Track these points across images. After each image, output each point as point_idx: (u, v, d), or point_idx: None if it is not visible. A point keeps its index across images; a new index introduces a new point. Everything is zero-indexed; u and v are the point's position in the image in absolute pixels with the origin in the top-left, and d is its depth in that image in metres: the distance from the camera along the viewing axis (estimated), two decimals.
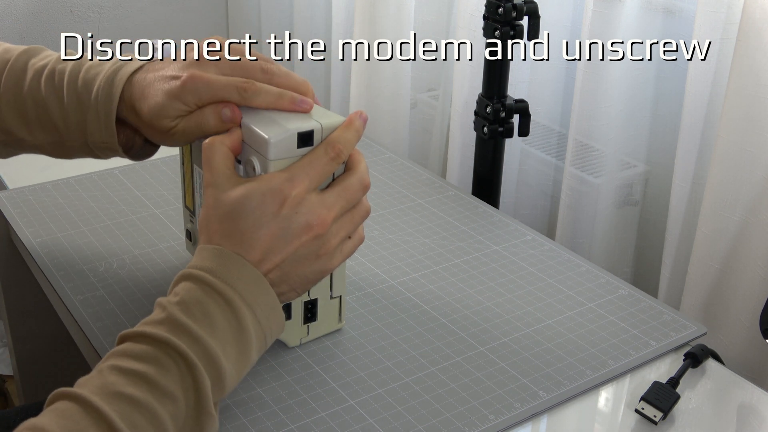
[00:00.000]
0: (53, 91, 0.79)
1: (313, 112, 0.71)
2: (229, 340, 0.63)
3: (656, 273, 1.14)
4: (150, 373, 0.58)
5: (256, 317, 0.64)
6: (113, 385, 0.57)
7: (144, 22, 1.85)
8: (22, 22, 1.72)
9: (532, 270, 0.92)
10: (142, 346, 0.60)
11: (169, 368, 0.59)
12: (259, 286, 0.65)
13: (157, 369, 0.59)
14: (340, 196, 0.68)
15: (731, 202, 0.95)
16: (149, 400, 0.57)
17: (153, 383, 0.58)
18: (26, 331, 1.19)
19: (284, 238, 0.65)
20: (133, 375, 0.58)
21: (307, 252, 0.67)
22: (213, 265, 0.64)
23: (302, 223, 0.66)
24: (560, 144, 1.29)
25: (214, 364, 0.61)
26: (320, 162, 0.67)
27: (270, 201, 0.65)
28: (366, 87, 1.41)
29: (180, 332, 0.61)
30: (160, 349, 0.60)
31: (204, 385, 0.60)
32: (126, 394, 0.57)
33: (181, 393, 0.59)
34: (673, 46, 1.09)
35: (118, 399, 0.57)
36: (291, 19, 1.75)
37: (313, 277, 0.69)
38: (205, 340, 0.61)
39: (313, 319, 0.78)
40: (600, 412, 0.75)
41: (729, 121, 0.92)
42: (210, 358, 0.61)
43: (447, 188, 1.10)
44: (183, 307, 0.62)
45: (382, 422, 0.70)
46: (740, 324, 0.96)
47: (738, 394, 0.77)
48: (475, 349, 0.79)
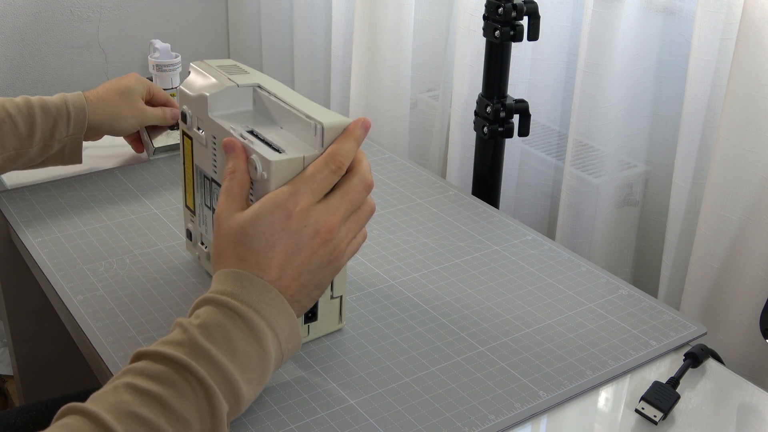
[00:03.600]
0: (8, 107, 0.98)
1: (318, 113, 0.72)
2: (250, 363, 0.63)
3: (656, 273, 1.14)
4: (165, 395, 0.58)
5: (278, 339, 0.65)
6: (127, 404, 0.57)
7: (144, 22, 1.85)
8: (22, 22, 1.72)
9: (532, 270, 0.92)
10: (160, 366, 0.60)
11: (185, 392, 0.59)
12: (280, 307, 0.66)
13: (173, 392, 0.59)
14: (343, 200, 0.69)
15: (731, 202, 0.94)
16: (161, 423, 0.57)
17: (167, 406, 0.58)
18: (26, 331, 1.19)
19: (297, 251, 0.67)
20: (149, 396, 0.58)
21: (320, 260, 0.68)
22: (234, 289, 0.65)
23: (311, 233, 0.67)
24: (560, 144, 1.29)
25: (233, 389, 0.61)
26: (322, 175, 0.69)
27: (278, 219, 0.66)
28: (366, 87, 1.41)
29: (200, 356, 0.61)
30: (178, 372, 0.60)
31: (221, 411, 0.60)
32: (139, 415, 0.57)
33: (195, 418, 0.59)
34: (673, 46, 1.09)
35: (130, 419, 0.56)
36: (291, 19, 1.75)
37: (327, 282, 0.70)
38: (225, 365, 0.61)
39: (314, 319, 0.78)
40: (600, 412, 0.75)
41: (729, 121, 0.92)
42: (229, 383, 0.61)
43: (447, 188, 1.10)
44: (204, 330, 0.62)
45: (382, 422, 0.70)
46: (740, 324, 0.96)
47: (738, 394, 0.77)
48: (475, 349, 0.79)
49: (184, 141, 0.85)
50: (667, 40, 1.12)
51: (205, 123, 0.80)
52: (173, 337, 0.62)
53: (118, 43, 1.84)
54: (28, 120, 0.97)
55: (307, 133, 0.72)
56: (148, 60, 1.31)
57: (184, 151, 0.85)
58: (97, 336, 0.79)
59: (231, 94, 0.79)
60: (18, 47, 1.73)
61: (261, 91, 0.79)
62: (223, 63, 0.85)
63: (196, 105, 0.81)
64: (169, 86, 1.31)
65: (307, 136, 0.73)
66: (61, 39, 1.77)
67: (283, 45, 1.79)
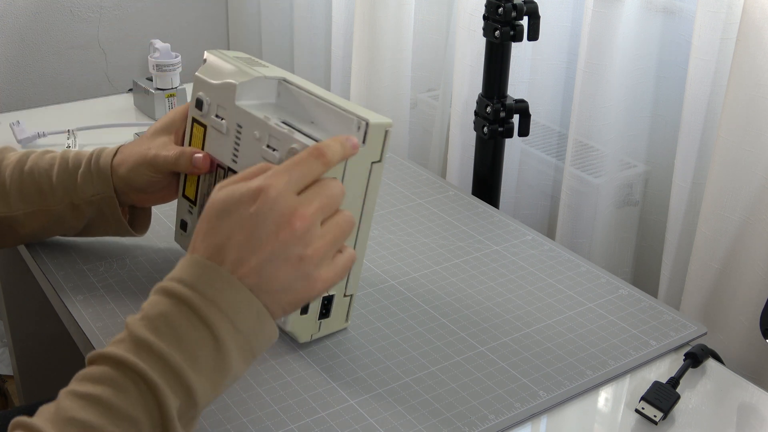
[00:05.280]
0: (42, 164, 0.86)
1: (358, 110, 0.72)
2: (201, 351, 0.58)
3: (656, 273, 1.14)
4: (105, 395, 0.55)
5: (234, 324, 0.60)
6: (67, 410, 0.55)
7: (144, 22, 1.85)
8: (22, 22, 1.72)
9: (532, 270, 0.92)
10: (100, 367, 0.57)
11: (127, 390, 0.56)
12: (237, 291, 0.60)
13: (113, 391, 0.56)
14: (317, 193, 0.63)
15: (731, 202, 0.94)
16: (103, 424, 0.54)
17: (109, 407, 0.55)
18: (26, 331, 1.19)
19: (259, 236, 0.60)
20: (88, 399, 0.55)
21: (286, 253, 0.61)
22: (184, 275, 0.60)
23: (277, 218, 0.61)
24: (560, 144, 1.29)
25: (181, 380, 0.57)
26: (303, 160, 0.63)
27: (247, 198, 0.61)
28: (366, 87, 1.41)
29: (141, 349, 0.57)
30: (118, 369, 0.57)
31: (167, 405, 0.56)
32: (78, 419, 0.54)
33: (143, 415, 0.56)
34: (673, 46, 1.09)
35: (69, 425, 0.54)
36: (291, 19, 1.75)
37: (299, 290, 0.62)
38: (169, 356, 0.57)
39: (327, 316, 0.78)
40: (600, 412, 0.75)
41: (729, 122, 0.92)
42: (176, 374, 0.57)
43: (447, 188, 1.10)
44: (146, 322, 0.59)
45: (382, 422, 0.70)
46: (740, 324, 0.96)
47: (738, 394, 0.77)
48: (475, 349, 0.79)
49: (193, 128, 0.84)
50: (667, 40, 1.12)
51: (228, 111, 0.79)
52: (118, 336, 0.59)
53: (118, 43, 1.84)
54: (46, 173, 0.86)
55: (346, 129, 0.71)
56: (148, 60, 1.31)
57: (191, 139, 0.84)
58: (97, 336, 0.79)
59: (258, 85, 0.78)
60: (18, 47, 1.73)
61: (289, 85, 0.78)
62: (239, 55, 0.84)
63: (217, 93, 0.80)
64: (169, 86, 1.31)
65: (343, 131, 0.72)
66: (61, 39, 1.77)
67: (283, 45, 1.79)
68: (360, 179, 0.73)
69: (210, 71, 0.82)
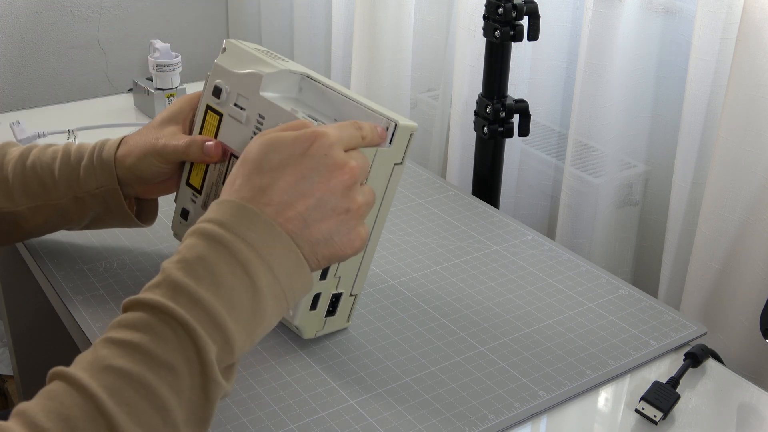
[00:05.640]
0: (44, 158, 0.84)
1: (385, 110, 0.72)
2: (239, 299, 0.57)
3: (656, 273, 1.14)
4: (143, 342, 0.53)
5: (273, 272, 0.58)
6: (104, 358, 0.53)
7: (144, 22, 1.85)
8: (22, 22, 1.72)
9: (532, 270, 0.92)
10: (137, 313, 0.55)
11: (165, 336, 0.54)
12: (275, 236, 0.59)
13: (151, 338, 0.54)
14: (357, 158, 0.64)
15: (731, 202, 0.94)
16: (142, 372, 0.53)
17: (146, 353, 0.53)
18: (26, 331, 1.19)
19: (311, 179, 0.60)
20: (125, 346, 0.54)
21: (334, 202, 0.61)
22: (221, 216, 0.59)
23: (331, 164, 0.60)
24: (560, 144, 1.29)
25: (219, 327, 0.56)
26: (347, 126, 0.65)
27: (302, 140, 0.61)
28: (366, 87, 1.41)
29: (178, 294, 0.56)
30: (156, 315, 0.55)
31: (206, 351, 0.54)
32: (115, 367, 0.53)
33: (182, 362, 0.54)
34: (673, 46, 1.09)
35: (106, 373, 0.52)
36: (291, 19, 1.75)
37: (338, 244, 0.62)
38: (207, 301, 0.55)
39: (333, 314, 0.78)
40: (600, 412, 0.75)
41: (729, 122, 0.92)
42: (214, 320, 0.55)
43: (447, 188, 1.10)
44: (183, 266, 0.57)
45: (382, 422, 0.70)
46: (740, 324, 0.96)
47: (738, 394, 0.77)
48: (475, 349, 0.79)
49: (207, 116, 0.82)
50: (667, 40, 1.12)
51: (251, 101, 0.78)
52: (153, 281, 0.57)
53: (118, 43, 1.84)
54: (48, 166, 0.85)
55: None
56: (148, 60, 1.31)
57: (203, 127, 0.83)
58: (97, 336, 0.79)
59: (284, 78, 0.78)
60: (18, 47, 1.73)
61: (313, 81, 0.78)
62: (259, 47, 0.84)
63: (240, 82, 0.79)
64: (169, 86, 1.31)
65: None
66: (61, 39, 1.77)
67: (283, 45, 1.79)
68: (382, 179, 0.73)
69: (231, 60, 0.81)
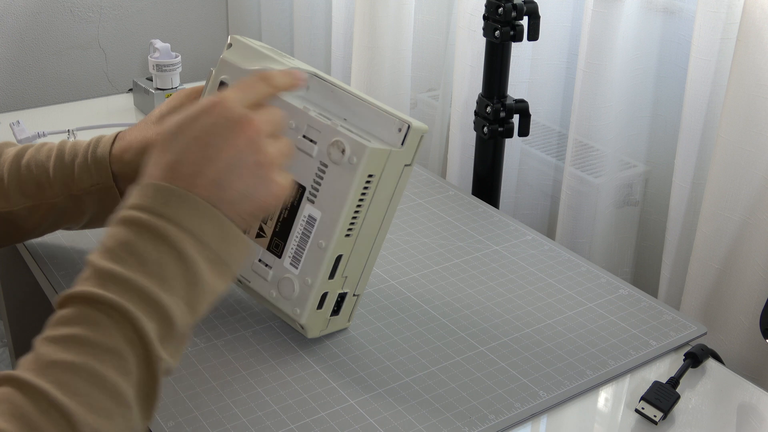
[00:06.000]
0: (39, 157, 0.83)
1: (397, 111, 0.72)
2: (168, 271, 0.58)
3: (656, 273, 1.14)
4: (81, 333, 0.54)
5: (198, 238, 0.59)
6: (46, 356, 0.54)
7: (144, 22, 1.85)
8: (22, 22, 1.72)
9: (532, 270, 0.92)
10: (70, 309, 0.56)
11: (100, 323, 0.55)
12: (193, 205, 0.60)
13: (88, 327, 0.55)
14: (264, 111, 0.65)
15: (731, 202, 0.95)
16: (86, 361, 0.53)
17: (86, 343, 0.54)
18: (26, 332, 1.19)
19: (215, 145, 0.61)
20: (65, 340, 0.54)
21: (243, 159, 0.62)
22: (137, 200, 0.60)
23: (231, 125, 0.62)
24: (560, 144, 1.29)
25: (153, 302, 0.56)
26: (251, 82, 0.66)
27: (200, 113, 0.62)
28: (366, 87, 1.41)
29: (106, 281, 0.56)
30: (88, 305, 0.56)
31: (145, 329, 0.55)
32: (59, 362, 0.53)
33: (123, 344, 0.55)
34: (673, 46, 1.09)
35: (52, 369, 0.53)
36: (291, 19, 1.75)
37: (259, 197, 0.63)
38: (136, 281, 0.56)
39: (337, 313, 0.78)
40: (600, 412, 0.75)
41: (729, 121, 0.92)
42: (146, 297, 0.56)
43: (447, 188, 1.10)
44: (106, 254, 0.58)
45: (382, 422, 0.70)
46: (740, 324, 0.96)
47: (738, 394, 0.77)
48: (475, 349, 0.79)
49: None
50: (667, 40, 1.12)
51: None
52: (82, 276, 0.58)
53: (118, 43, 1.84)
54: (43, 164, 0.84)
55: (385, 129, 0.71)
56: (148, 60, 1.31)
57: None
58: None
59: None
60: (18, 47, 1.73)
61: (321, 80, 0.76)
62: (264, 45, 0.82)
63: None
64: (169, 86, 1.31)
65: (381, 131, 0.71)
66: (61, 39, 1.77)
67: (284, 45, 1.79)
68: (392, 180, 0.73)
69: (237, 56, 0.79)
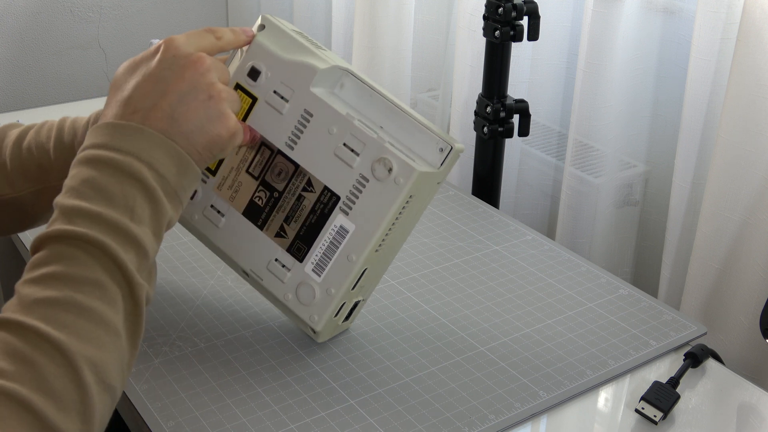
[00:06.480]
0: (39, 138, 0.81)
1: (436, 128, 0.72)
2: (135, 203, 0.60)
3: (656, 273, 1.14)
4: (60, 270, 0.56)
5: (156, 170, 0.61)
6: (29, 296, 0.55)
7: (144, 22, 1.85)
8: (22, 22, 1.72)
9: (532, 270, 0.92)
10: (43, 251, 0.57)
11: (76, 257, 0.56)
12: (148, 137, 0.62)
13: (65, 263, 0.56)
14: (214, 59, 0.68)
15: (731, 202, 0.94)
16: (69, 294, 0.55)
17: (66, 278, 0.55)
18: None
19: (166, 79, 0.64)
20: (45, 279, 0.56)
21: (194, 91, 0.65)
22: (94, 139, 0.62)
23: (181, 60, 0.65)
24: (560, 144, 1.29)
25: (124, 233, 0.58)
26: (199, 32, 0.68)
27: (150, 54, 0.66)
28: None
29: (75, 217, 0.58)
30: (60, 243, 0.57)
31: (121, 258, 0.57)
32: (42, 299, 0.55)
33: (104, 276, 0.56)
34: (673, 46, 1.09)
35: (36, 306, 0.54)
36: (291, 20, 1.75)
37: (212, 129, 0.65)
38: (104, 214, 0.58)
39: (348, 319, 0.78)
40: (600, 412, 0.75)
41: (729, 122, 0.92)
42: (117, 229, 0.58)
43: (447, 188, 1.10)
44: (71, 193, 0.59)
45: (382, 422, 0.70)
46: (740, 324, 0.96)
47: (738, 394, 0.77)
48: (475, 349, 0.79)
49: None
50: (667, 40, 1.12)
51: (297, 94, 0.71)
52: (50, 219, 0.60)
53: (118, 43, 1.84)
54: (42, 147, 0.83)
55: (424, 146, 0.70)
56: None
57: None
58: None
59: (334, 74, 0.72)
60: (18, 47, 1.73)
61: (358, 81, 0.72)
62: (293, 27, 0.75)
63: (286, 70, 0.72)
64: None
65: (422, 149, 0.70)
66: (61, 39, 1.77)
67: None
68: (426, 197, 0.74)
69: (272, 41, 0.73)
